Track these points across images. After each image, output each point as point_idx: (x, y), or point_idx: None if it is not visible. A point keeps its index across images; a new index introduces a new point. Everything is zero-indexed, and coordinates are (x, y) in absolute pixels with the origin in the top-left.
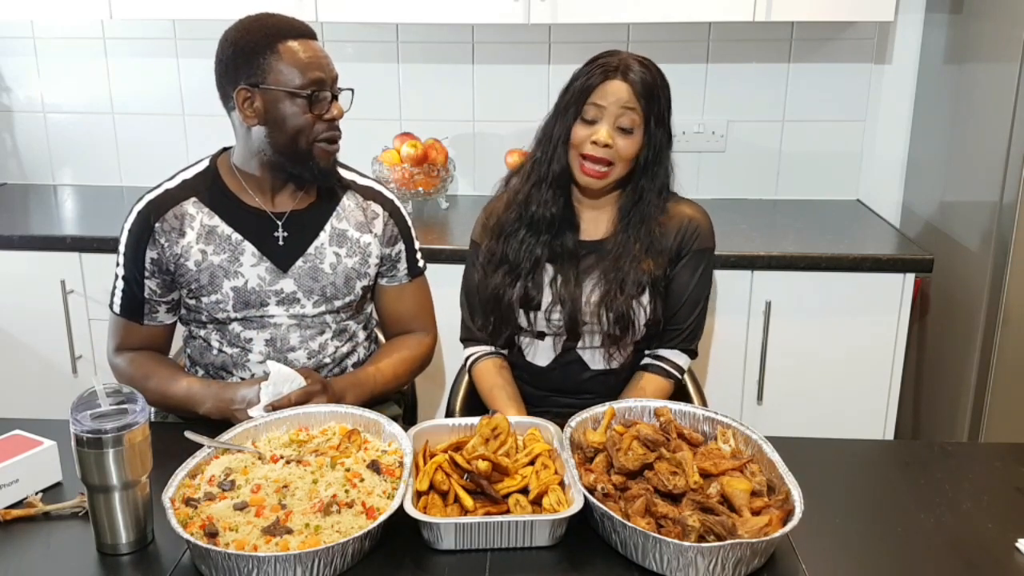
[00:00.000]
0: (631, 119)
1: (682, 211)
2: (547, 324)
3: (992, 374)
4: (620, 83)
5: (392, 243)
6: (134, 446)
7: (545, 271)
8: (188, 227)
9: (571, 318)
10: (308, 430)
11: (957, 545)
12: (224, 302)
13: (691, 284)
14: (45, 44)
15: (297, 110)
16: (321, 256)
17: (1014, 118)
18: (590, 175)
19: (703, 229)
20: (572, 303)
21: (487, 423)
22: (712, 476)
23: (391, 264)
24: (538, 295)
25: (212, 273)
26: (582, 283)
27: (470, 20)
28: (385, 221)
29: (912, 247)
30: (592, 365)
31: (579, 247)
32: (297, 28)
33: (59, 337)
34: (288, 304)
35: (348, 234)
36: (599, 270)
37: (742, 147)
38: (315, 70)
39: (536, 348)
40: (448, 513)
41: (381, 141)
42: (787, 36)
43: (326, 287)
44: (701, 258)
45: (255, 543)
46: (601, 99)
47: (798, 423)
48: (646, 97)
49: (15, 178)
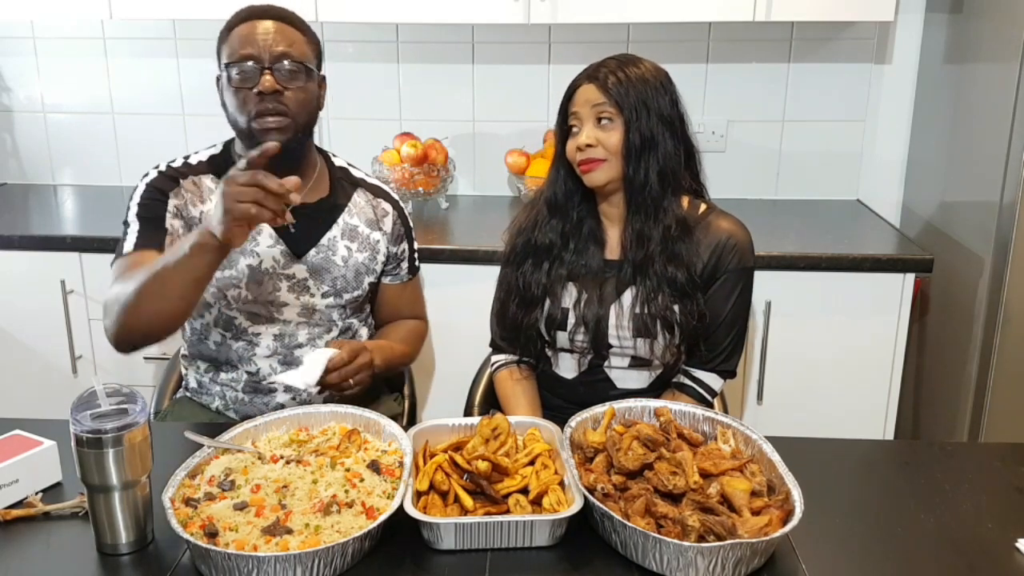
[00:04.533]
0: (607, 112)
1: (720, 226)
2: (571, 343)
3: (992, 374)
4: (587, 85)
5: (399, 241)
6: (134, 446)
7: (568, 292)
8: (208, 197)
9: (595, 339)
10: (308, 430)
11: (957, 545)
12: (238, 279)
13: (728, 305)
14: (45, 44)
15: (231, 88)
16: (333, 248)
17: (1014, 118)
18: (587, 171)
19: (742, 247)
20: (596, 323)
21: (487, 423)
22: (712, 476)
23: (396, 263)
24: (561, 317)
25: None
26: (609, 302)
27: (470, 20)
28: (395, 220)
29: (912, 247)
30: (619, 384)
31: (605, 266)
32: (256, 11)
33: (59, 337)
34: (299, 291)
35: (359, 230)
36: (626, 287)
37: (742, 147)
38: (247, 46)
39: (562, 361)
40: (448, 513)
41: (381, 141)
42: (787, 36)
43: (337, 279)
44: (740, 277)
45: (255, 543)
46: (576, 107)
47: (798, 423)
48: (617, 88)
49: (15, 178)
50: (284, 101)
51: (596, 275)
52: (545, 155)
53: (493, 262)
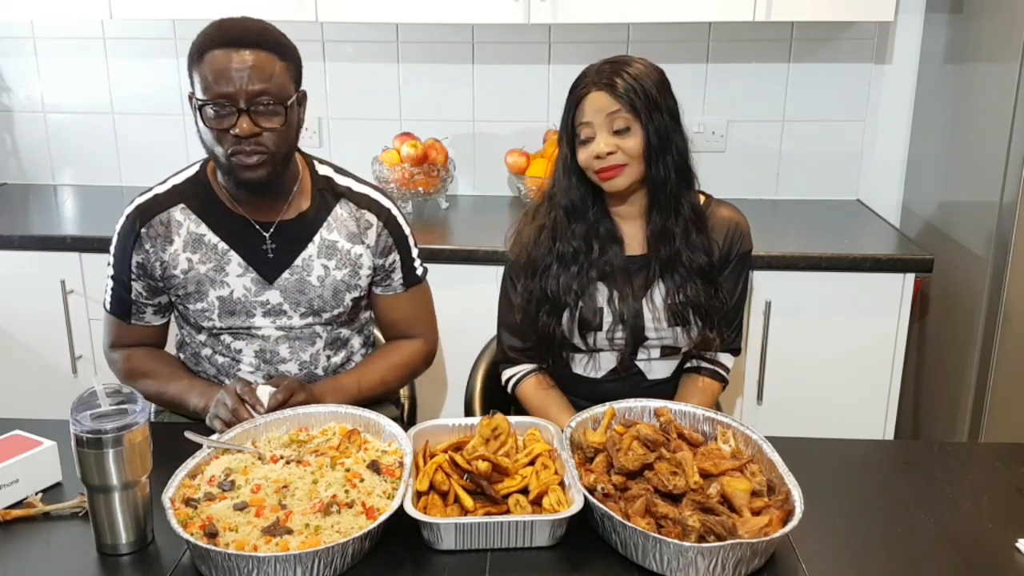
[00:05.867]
0: (623, 119)
1: (724, 214)
2: (610, 341)
3: (992, 374)
4: (596, 93)
5: (385, 254)
6: (134, 446)
7: (599, 291)
8: (176, 234)
9: (634, 333)
10: (308, 430)
11: (957, 545)
12: (210, 311)
13: (738, 286)
14: (45, 44)
15: (205, 123)
16: (308, 268)
17: (1014, 118)
18: (608, 178)
19: (744, 231)
20: (634, 318)
21: (487, 423)
22: (712, 476)
23: (385, 275)
24: (596, 317)
25: (199, 281)
26: (642, 296)
27: (470, 20)
28: (379, 232)
29: (912, 247)
30: (650, 375)
31: (629, 262)
32: (232, 36)
33: (59, 337)
34: (274, 316)
35: (338, 245)
36: (656, 280)
37: (742, 147)
38: (223, 84)
39: (593, 361)
40: (448, 513)
41: (381, 141)
42: (787, 36)
43: (313, 300)
44: (745, 260)
45: (255, 543)
46: (587, 117)
47: (798, 423)
48: (628, 93)
49: (15, 178)
50: (263, 140)
51: (623, 272)
52: (545, 155)
53: (493, 262)
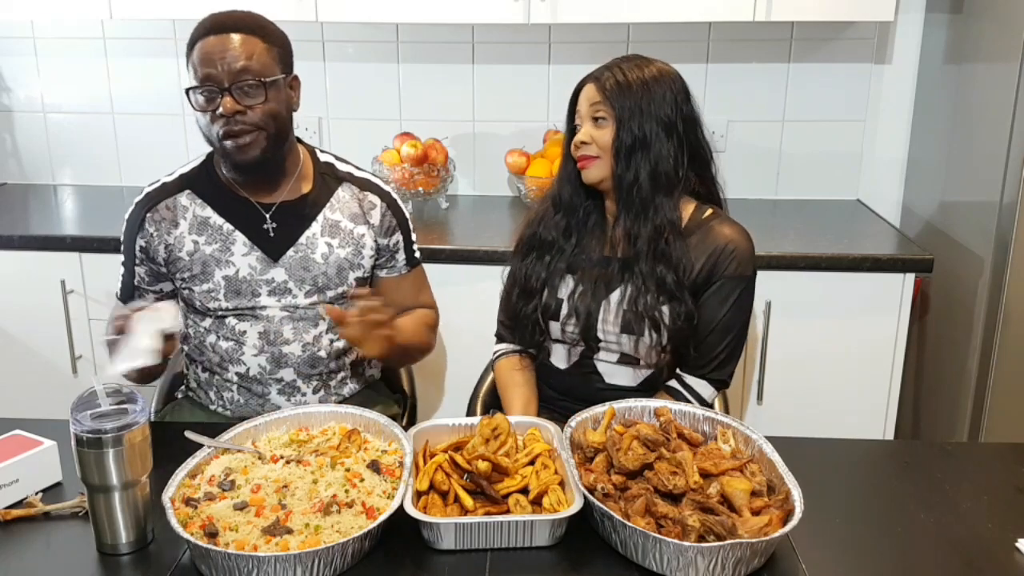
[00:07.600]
0: (603, 111)
1: (721, 232)
2: (563, 334)
3: (992, 374)
4: (589, 86)
5: (390, 234)
6: (134, 446)
7: (565, 283)
8: (181, 218)
9: (584, 330)
10: (308, 430)
11: (957, 545)
12: (216, 291)
13: (722, 312)
14: (45, 44)
15: (196, 108)
16: (313, 246)
17: (1014, 118)
18: (583, 167)
19: (741, 254)
20: (588, 315)
21: (487, 423)
22: (712, 476)
23: (390, 255)
24: (555, 306)
25: (204, 262)
26: (601, 296)
27: (470, 20)
28: (383, 212)
29: (912, 247)
30: (608, 379)
31: (603, 261)
32: (217, 23)
33: (59, 337)
34: (280, 294)
35: (341, 225)
36: (617, 283)
37: (742, 147)
38: (207, 66)
39: (555, 352)
40: (448, 513)
41: (381, 141)
42: (787, 36)
43: (318, 277)
44: (736, 285)
45: (255, 543)
46: (579, 106)
47: (798, 423)
48: (613, 89)
49: (15, 178)
50: (249, 119)
51: (594, 269)
52: (545, 155)
53: (493, 262)
